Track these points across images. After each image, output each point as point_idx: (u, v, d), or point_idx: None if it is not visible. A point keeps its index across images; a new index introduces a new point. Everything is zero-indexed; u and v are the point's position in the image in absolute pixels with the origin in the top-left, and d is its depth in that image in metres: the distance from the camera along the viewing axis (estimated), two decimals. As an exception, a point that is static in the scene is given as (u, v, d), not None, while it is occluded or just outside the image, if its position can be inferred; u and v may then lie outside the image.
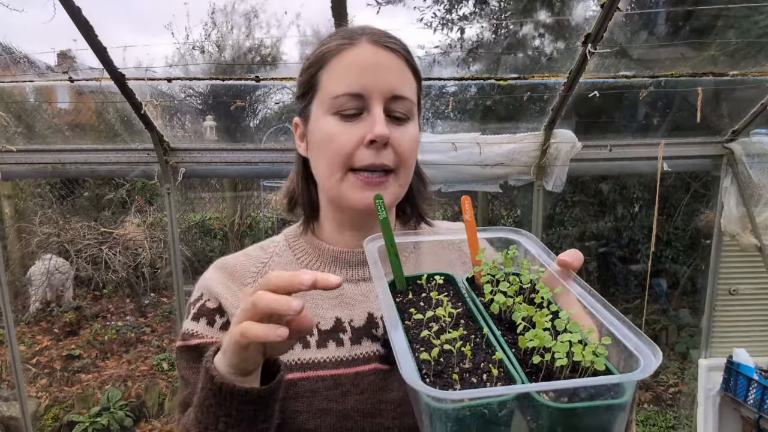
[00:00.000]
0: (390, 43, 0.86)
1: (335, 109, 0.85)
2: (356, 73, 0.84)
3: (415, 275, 0.80)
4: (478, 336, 0.66)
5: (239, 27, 6.47)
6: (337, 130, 0.85)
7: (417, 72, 0.91)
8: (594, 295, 0.66)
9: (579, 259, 0.72)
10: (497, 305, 0.69)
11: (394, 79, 0.85)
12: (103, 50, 2.24)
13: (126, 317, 6.35)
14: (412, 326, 0.68)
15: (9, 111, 2.93)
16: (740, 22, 2.83)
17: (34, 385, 5.09)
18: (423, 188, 1.05)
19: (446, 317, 0.67)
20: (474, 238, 0.81)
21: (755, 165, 2.83)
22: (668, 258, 5.77)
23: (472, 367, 0.60)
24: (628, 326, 0.60)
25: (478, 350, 0.63)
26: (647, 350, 0.55)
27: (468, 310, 0.72)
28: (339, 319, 0.92)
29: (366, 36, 0.86)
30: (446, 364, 0.60)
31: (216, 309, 0.92)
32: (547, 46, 4.62)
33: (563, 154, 2.82)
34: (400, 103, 0.86)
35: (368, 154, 0.84)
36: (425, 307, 0.73)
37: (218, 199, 7.82)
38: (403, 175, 0.90)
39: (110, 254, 6.06)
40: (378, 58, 0.84)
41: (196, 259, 6.07)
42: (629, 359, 0.56)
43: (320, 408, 0.85)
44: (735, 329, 3.11)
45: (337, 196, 0.90)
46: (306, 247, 0.99)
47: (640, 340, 0.57)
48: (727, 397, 2.99)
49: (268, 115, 5.68)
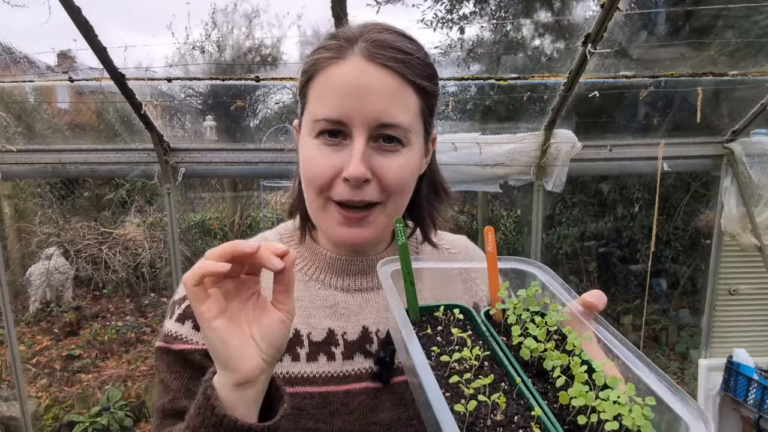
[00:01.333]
0: (386, 57, 0.75)
1: (316, 132, 0.78)
2: (338, 97, 0.75)
3: (430, 306, 0.75)
4: (506, 383, 0.61)
5: (239, 27, 6.47)
6: (316, 156, 0.78)
7: (423, 88, 0.79)
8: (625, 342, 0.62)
9: (604, 301, 0.68)
10: (527, 350, 0.64)
11: (381, 105, 0.75)
12: (103, 50, 2.24)
13: (126, 317, 6.35)
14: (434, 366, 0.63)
15: (9, 111, 2.93)
16: (740, 22, 2.83)
17: (34, 385, 5.09)
18: (438, 203, 0.96)
19: (472, 359, 0.62)
20: (495, 272, 0.75)
21: (755, 165, 2.83)
22: (668, 258, 5.77)
23: (505, 421, 0.55)
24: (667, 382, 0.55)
25: (509, 400, 0.58)
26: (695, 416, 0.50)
27: (492, 351, 0.67)
28: (332, 331, 0.87)
29: (361, 45, 0.76)
30: (476, 415, 0.55)
31: None
32: (547, 46, 4.62)
33: (563, 154, 2.82)
34: (390, 130, 0.77)
35: (346, 189, 0.77)
36: (444, 344, 0.68)
37: (218, 199, 7.82)
38: (392, 206, 0.82)
39: (110, 254, 6.06)
40: (365, 78, 0.74)
41: (196, 259, 6.03)
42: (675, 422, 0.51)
43: (306, 427, 0.81)
44: (735, 329, 3.11)
45: (322, 228, 0.85)
46: (301, 250, 0.94)
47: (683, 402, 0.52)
48: (727, 397, 2.99)
49: (268, 115, 5.68)
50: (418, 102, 0.80)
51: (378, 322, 0.89)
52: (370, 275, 0.92)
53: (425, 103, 0.81)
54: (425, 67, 0.80)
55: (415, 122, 0.80)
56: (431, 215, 0.95)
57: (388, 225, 0.85)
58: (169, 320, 0.89)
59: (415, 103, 0.79)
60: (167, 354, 0.86)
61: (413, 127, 0.80)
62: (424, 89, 0.80)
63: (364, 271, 0.92)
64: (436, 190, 0.96)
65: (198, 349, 0.84)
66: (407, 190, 0.84)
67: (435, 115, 0.87)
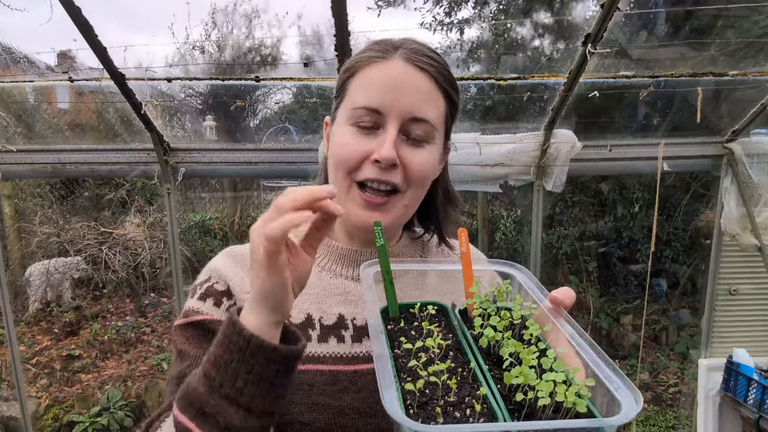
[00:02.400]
0: (423, 62, 0.85)
1: (353, 120, 0.86)
2: (379, 89, 0.84)
3: (408, 303, 0.81)
4: (466, 369, 0.67)
5: (239, 27, 6.48)
6: (350, 140, 0.86)
7: (451, 97, 0.90)
8: (583, 335, 0.68)
9: (571, 297, 0.73)
10: (486, 339, 0.70)
11: (416, 101, 0.85)
12: (103, 50, 2.24)
13: (126, 317, 6.35)
14: (401, 355, 0.69)
15: (9, 111, 2.93)
16: (740, 22, 2.83)
17: (34, 385, 5.09)
18: (451, 210, 1.05)
19: (435, 348, 0.68)
20: (469, 271, 0.82)
21: (755, 165, 2.83)
22: (668, 258, 5.77)
23: (456, 401, 0.61)
24: (612, 369, 0.61)
25: (464, 384, 0.64)
26: (630, 395, 0.56)
27: (458, 342, 0.74)
28: (342, 316, 0.93)
29: (402, 51, 0.86)
30: (431, 396, 0.61)
31: (224, 292, 0.92)
32: (547, 46, 4.63)
33: (563, 154, 2.82)
34: (419, 126, 0.86)
35: (373, 169, 0.85)
36: (416, 336, 0.74)
37: (218, 199, 7.83)
38: (411, 196, 0.90)
39: (110, 254, 6.06)
40: (405, 77, 0.84)
41: (196, 259, 6.06)
42: (611, 403, 0.57)
43: (316, 402, 0.85)
44: (735, 329, 3.11)
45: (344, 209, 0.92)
46: None
47: (624, 384, 0.58)
48: (727, 397, 2.99)
49: (268, 115, 5.67)
50: (445, 106, 0.90)
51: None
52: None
53: (449, 110, 0.91)
54: (451, 77, 0.90)
55: (440, 124, 0.90)
56: (446, 222, 1.04)
57: (404, 216, 0.93)
58: (191, 299, 0.92)
59: (443, 106, 0.89)
60: (186, 328, 0.89)
61: (439, 127, 0.89)
62: (450, 97, 0.90)
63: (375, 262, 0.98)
64: (448, 197, 1.04)
65: (218, 320, 0.88)
66: (426, 183, 0.92)
67: (454, 123, 0.96)
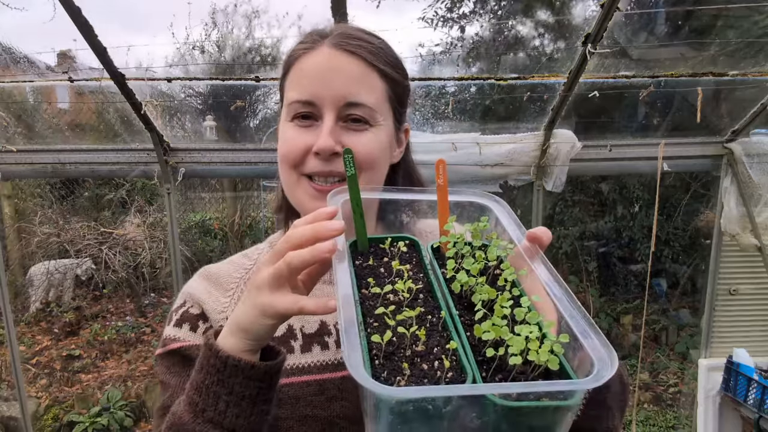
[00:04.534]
0: (353, 45, 0.83)
1: (291, 116, 0.85)
2: (309, 80, 0.83)
3: (378, 237, 0.76)
4: (436, 316, 0.63)
5: (239, 27, 6.48)
6: (291, 135, 0.85)
7: (388, 75, 0.87)
8: (559, 282, 0.63)
9: (548, 235, 0.70)
10: (458, 284, 0.66)
11: (349, 85, 0.82)
12: (103, 50, 2.24)
13: (126, 317, 6.35)
14: (369, 296, 0.65)
15: (9, 111, 2.93)
16: (740, 22, 2.83)
17: (34, 385, 5.09)
18: None
19: (405, 293, 0.64)
20: (445, 205, 0.76)
21: (755, 165, 2.83)
22: (668, 258, 5.77)
23: (424, 351, 0.57)
24: (587, 322, 0.57)
25: (434, 332, 0.60)
26: (605, 355, 0.52)
27: (429, 284, 0.69)
28: (324, 322, 0.90)
29: (330, 38, 0.84)
30: (398, 345, 0.58)
31: (199, 315, 0.92)
32: (547, 46, 4.63)
33: (563, 154, 2.82)
34: (357, 110, 0.83)
35: (316, 162, 0.83)
36: (385, 274, 0.69)
37: (218, 199, 7.82)
38: (366, 180, 0.86)
39: (110, 254, 6.06)
40: (332, 63, 0.82)
41: (196, 259, 6.06)
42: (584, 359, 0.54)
43: (304, 414, 0.83)
44: (735, 329, 3.11)
45: (296, 203, 0.90)
46: None
47: (599, 341, 0.54)
48: (727, 397, 2.99)
49: (268, 115, 5.67)
50: (384, 86, 0.86)
51: None
52: None
53: (392, 89, 0.88)
54: (389, 56, 0.87)
55: (382, 104, 0.86)
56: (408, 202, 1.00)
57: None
58: (168, 326, 0.92)
59: (380, 86, 0.86)
60: (165, 357, 0.89)
61: (379, 108, 0.85)
62: (388, 75, 0.86)
63: None
64: (411, 182, 1.00)
65: (195, 345, 0.87)
66: (377, 166, 0.87)
67: (406, 107, 0.93)
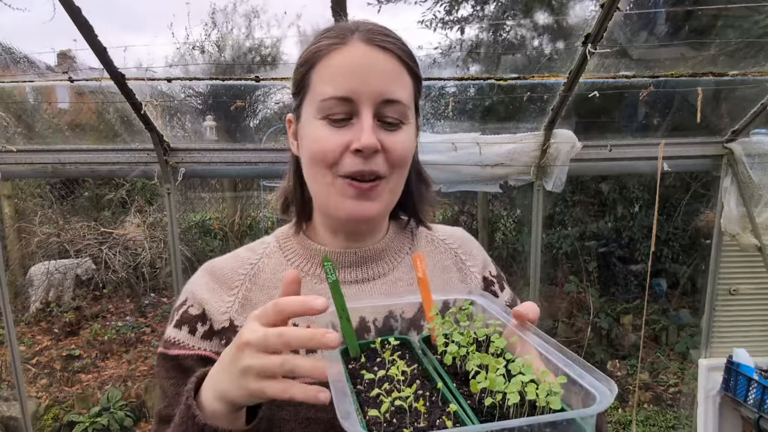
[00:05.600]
0: (384, 41, 0.81)
1: (324, 113, 0.81)
2: (345, 76, 0.79)
3: (367, 341, 0.78)
4: (435, 394, 0.64)
5: (239, 27, 6.48)
6: (325, 135, 0.81)
7: (415, 72, 0.86)
8: (549, 341, 0.66)
9: (535, 311, 0.71)
10: (450, 356, 0.67)
11: (386, 82, 0.80)
12: (103, 50, 2.24)
13: (126, 317, 6.35)
14: (364, 389, 0.65)
15: (9, 111, 2.93)
16: (740, 22, 2.83)
17: (34, 385, 5.09)
18: (425, 190, 1.02)
19: (399, 376, 0.64)
20: (428, 296, 0.79)
21: (755, 165, 2.83)
22: (668, 258, 5.77)
23: (426, 426, 0.57)
24: (582, 365, 0.59)
25: (434, 408, 0.61)
26: (603, 386, 0.55)
27: (423, 369, 0.70)
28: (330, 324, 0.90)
29: (359, 33, 0.81)
30: (399, 423, 0.58)
31: (198, 316, 0.90)
32: (547, 46, 4.62)
33: (563, 154, 2.82)
34: (393, 108, 0.81)
35: (356, 161, 0.80)
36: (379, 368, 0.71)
37: (218, 199, 7.83)
38: (395, 180, 0.86)
39: (110, 254, 6.06)
40: (369, 58, 0.80)
41: (196, 259, 6.06)
42: (587, 398, 0.56)
43: (307, 417, 0.82)
44: (735, 329, 3.11)
45: (325, 204, 0.87)
46: (297, 248, 0.96)
47: (595, 377, 0.57)
48: (727, 397, 2.99)
49: (268, 115, 5.68)
50: (413, 83, 0.86)
51: (375, 312, 0.91)
52: (366, 266, 0.94)
53: (417, 87, 0.88)
54: (412, 54, 0.86)
55: (410, 102, 0.86)
56: (421, 203, 1.01)
57: (391, 202, 0.90)
58: (169, 326, 0.92)
59: (410, 83, 0.85)
60: (165, 359, 0.89)
61: (410, 107, 0.85)
62: (414, 72, 0.86)
63: (359, 262, 0.94)
64: (421, 178, 1.01)
65: (192, 355, 0.87)
66: (407, 165, 0.89)
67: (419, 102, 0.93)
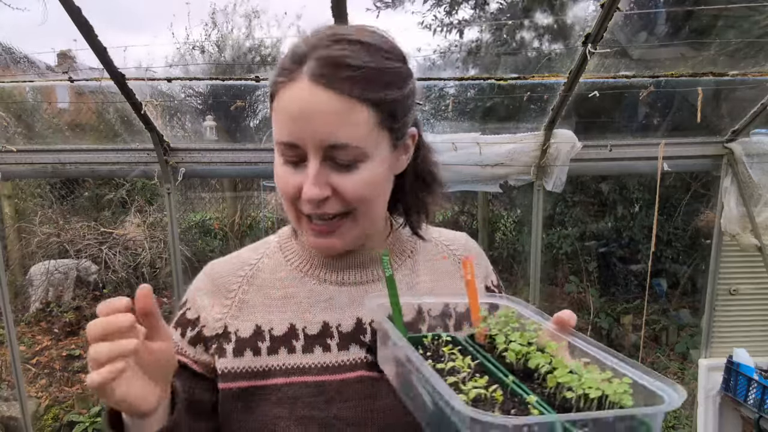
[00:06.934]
0: (333, 77, 0.73)
1: (280, 153, 0.82)
2: (289, 120, 0.77)
3: (419, 335, 0.82)
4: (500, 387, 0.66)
5: (239, 27, 6.48)
6: (283, 174, 0.82)
7: (377, 100, 0.76)
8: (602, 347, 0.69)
9: (574, 318, 0.75)
10: (513, 353, 0.71)
11: (330, 126, 0.74)
12: (103, 50, 2.24)
13: (126, 317, 6.34)
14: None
15: (9, 111, 2.93)
16: (740, 22, 2.83)
17: (34, 385, 5.09)
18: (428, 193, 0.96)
19: (465, 368, 0.67)
20: (475, 299, 0.83)
21: (755, 165, 2.83)
22: (668, 258, 5.77)
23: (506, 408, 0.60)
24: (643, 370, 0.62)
25: (506, 399, 0.63)
26: (669, 389, 0.58)
27: (481, 363, 0.73)
28: (327, 324, 0.90)
29: (310, 63, 0.74)
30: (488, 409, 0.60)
31: (191, 321, 0.93)
32: (546, 46, 4.63)
33: (563, 154, 2.82)
34: (342, 152, 0.76)
35: (309, 206, 0.80)
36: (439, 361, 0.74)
37: (218, 199, 7.82)
38: (362, 212, 0.83)
39: (110, 254, 6.06)
40: (312, 101, 0.74)
41: (196, 259, 6.05)
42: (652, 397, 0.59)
43: (302, 415, 0.83)
44: (735, 329, 3.11)
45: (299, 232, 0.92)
46: (297, 248, 0.97)
47: (660, 380, 0.60)
48: (727, 397, 2.99)
49: (268, 115, 5.65)
50: (373, 115, 0.77)
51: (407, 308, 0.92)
52: (364, 269, 0.95)
53: (385, 112, 0.78)
54: (381, 75, 0.77)
55: (371, 137, 0.78)
56: (419, 207, 0.96)
57: (361, 231, 0.86)
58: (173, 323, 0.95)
59: (368, 118, 0.76)
60: None
61: (367, 142, 0.78)
62: (378, 101, 0.76)
63: (358, 265, 0.95)
64: (424, 181, 0.95)
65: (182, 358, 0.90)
66: (372, 199, 0.83)
67: (407, 115, 0.83)
